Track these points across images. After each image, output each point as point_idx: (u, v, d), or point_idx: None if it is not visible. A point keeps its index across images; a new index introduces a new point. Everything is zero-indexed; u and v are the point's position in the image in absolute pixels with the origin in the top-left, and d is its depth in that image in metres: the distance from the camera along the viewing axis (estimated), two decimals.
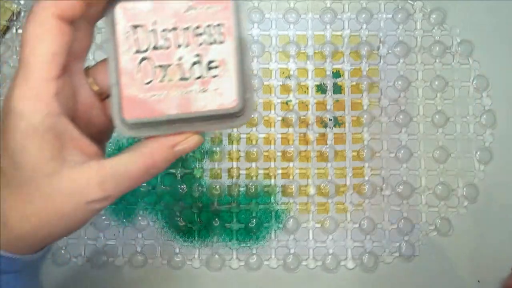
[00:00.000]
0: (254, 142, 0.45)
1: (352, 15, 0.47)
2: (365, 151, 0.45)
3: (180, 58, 0.24)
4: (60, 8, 0.22)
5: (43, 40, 0.22)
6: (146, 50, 0.24)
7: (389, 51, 0.46)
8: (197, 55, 0.24)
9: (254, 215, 0.44)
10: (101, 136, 0.28)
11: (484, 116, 0.45)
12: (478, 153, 0.45)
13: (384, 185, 0.44)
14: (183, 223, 0.44)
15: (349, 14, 0.47)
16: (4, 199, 0.24)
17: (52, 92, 0.22)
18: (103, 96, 0.27)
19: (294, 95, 0.46)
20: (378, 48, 0.46)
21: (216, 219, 0.44)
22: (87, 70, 0.26)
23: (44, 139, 0.22)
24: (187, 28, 0.24)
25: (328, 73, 0.46)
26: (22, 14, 0.46)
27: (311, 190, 0.44)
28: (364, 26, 0.46)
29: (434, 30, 0.46)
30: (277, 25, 0.47)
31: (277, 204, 0.44)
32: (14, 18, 0.45)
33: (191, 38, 0.24)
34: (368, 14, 0.46)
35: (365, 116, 0.45)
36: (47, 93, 0.22)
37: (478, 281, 0.43)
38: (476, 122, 0.45)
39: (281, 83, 0.46)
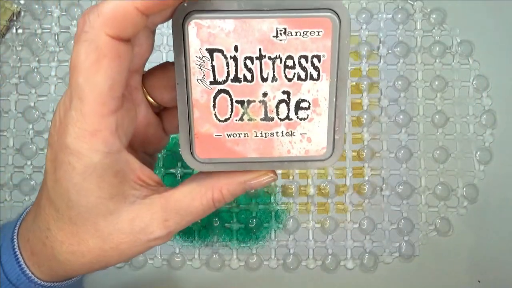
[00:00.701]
0: None
1: (352, 15, 0.47)
2: (365, 151, 0.45)
3: (264, 94, 0.20)
4: (117, 28, 0.18)
5: (99, 68, 0.18)
6: (224, 81, 0.20)
7: (389, 51, 0.46)
8: (285, 93, 0.20)
9: (254, 215, 0.44)
10: (155, 149, 0.26)
11: (484, 116, 0.45)
12: (478, 153, 0.45)
13: (384, 185, 0.44)
14: None
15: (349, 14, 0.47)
16: (54, 234, 0.22)
17: (111, 128, 0.20)
18: (158, 109, 0.24)
19: None
20: (378, 48, 0.46)
21: (216, 219, 0.44)
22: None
23: (103, 179, 0.20)
24: (275, 58, 0.19)
25: None
26: (22, 14, 0.46)
27: (311, 190, 0.44)
28: (364, 26, 0.46)
29: (434, 30, 0.46)
30: None
31: (277, 204, 0.44)
32: (14, 18, 0.45)
33: (280, 71, 0.20)
34: (368, 14, 0.46)
35: (365, 116, 0.45)
36: (106, 129, 0.19)
37: (478, 281, 0.43)
38: (476, 122, 0.45)
39: None
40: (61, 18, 0.46)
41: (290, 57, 0.19)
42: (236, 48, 0.19)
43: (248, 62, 0.19)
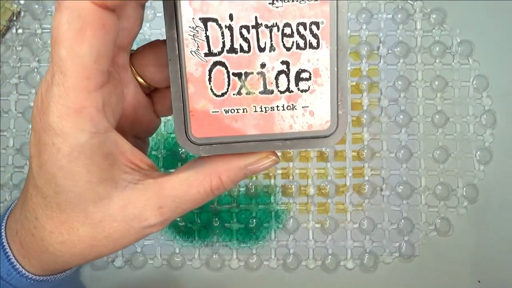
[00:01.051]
0: None
1: (352, 15, 0.47)
2: (365, 151, 0.45)
3: (262, 66, 0.19)
4: None
5: (83, 38, 0.17)
6: (219, 53, 0.19)
7: (389, 51, 0.46)
8: (284, 63, 0.19)
9: (254, 215, 0.44)
10: (146, 132, 0.25)
11: (484, 116, 0.45)
12: (478, 153, 0.45)
13: (384, 185, 0.44)
14: (183, 223, 0.44)
15: (349, 14, 0.47)
16: (43, 224, 0.21)
17: (98, 105, 0.18)
18: (148, 90, 0.23)
19: None
20: (378, 48, 0.46)
21: (216, 219, 0.44)
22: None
23: (92, 161, 0.19)
24: (272, 26, 0.19)
25: None
26: (22, 14, 0.46)
27: (311, 190, 0.44)
28: (364, 26, 0.46)
29: (434, 30, 0.46)
30: None
31: (277, 204, 0.44)
32: (14, 18, 0.45)
33: (277, 40, 0.19)
34: (368, 14, 0.46)
35: (365, 116, 0.45)
36: (92, 107, 0.18)
37: (478, 281, 0.43)
38: (476, 122, 0.45)
39: None
40: None
41: (287, 24, 0.19)
42: (231, 17, 0.18)
43: (244, 31, 0.19)
